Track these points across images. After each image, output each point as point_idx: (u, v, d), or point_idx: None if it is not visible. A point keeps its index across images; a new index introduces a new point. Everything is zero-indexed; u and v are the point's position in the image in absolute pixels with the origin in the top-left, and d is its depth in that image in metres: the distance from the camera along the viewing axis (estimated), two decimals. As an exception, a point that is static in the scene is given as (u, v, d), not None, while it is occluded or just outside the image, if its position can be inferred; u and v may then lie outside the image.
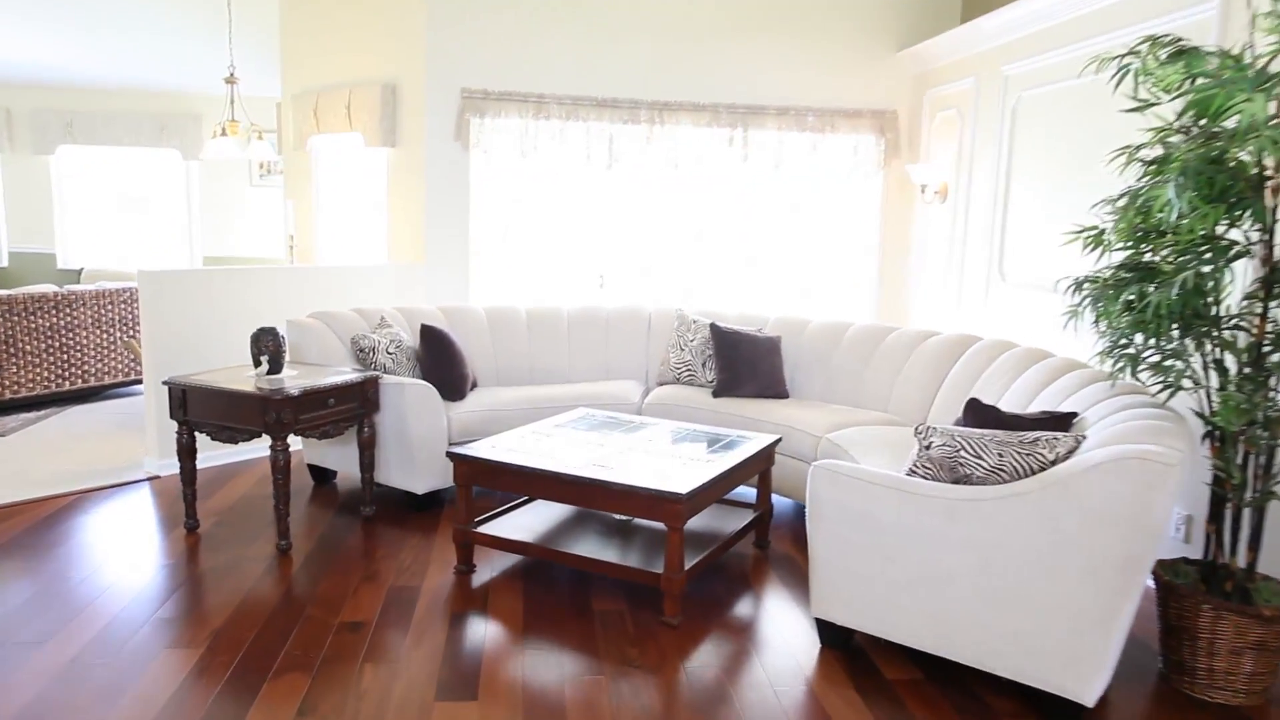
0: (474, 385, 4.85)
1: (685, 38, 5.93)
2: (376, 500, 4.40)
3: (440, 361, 4.55)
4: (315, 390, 3.74)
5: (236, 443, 3.73)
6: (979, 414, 3.15)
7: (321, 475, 4.75)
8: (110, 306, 6.21)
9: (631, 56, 5.90)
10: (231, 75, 5.71)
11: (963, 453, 2.82)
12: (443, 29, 5.70)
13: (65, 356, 6.04)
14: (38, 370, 5.91)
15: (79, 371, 6.10)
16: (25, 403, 5.96)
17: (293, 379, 3.84)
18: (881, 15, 6.06)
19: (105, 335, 6.20)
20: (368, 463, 4.16)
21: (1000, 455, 2.80)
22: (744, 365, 4.85)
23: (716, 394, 4.80)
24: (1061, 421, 3.15)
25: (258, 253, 8.60)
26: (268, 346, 3.85)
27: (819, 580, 2.99)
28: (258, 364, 3.88)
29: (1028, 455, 2.80)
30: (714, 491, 3.40)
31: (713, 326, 4.99)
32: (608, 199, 6.15)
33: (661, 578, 3.19)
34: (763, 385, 4.84)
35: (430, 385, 4.27)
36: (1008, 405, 3.80)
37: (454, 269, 5.95)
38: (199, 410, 3.77)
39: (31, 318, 5.90)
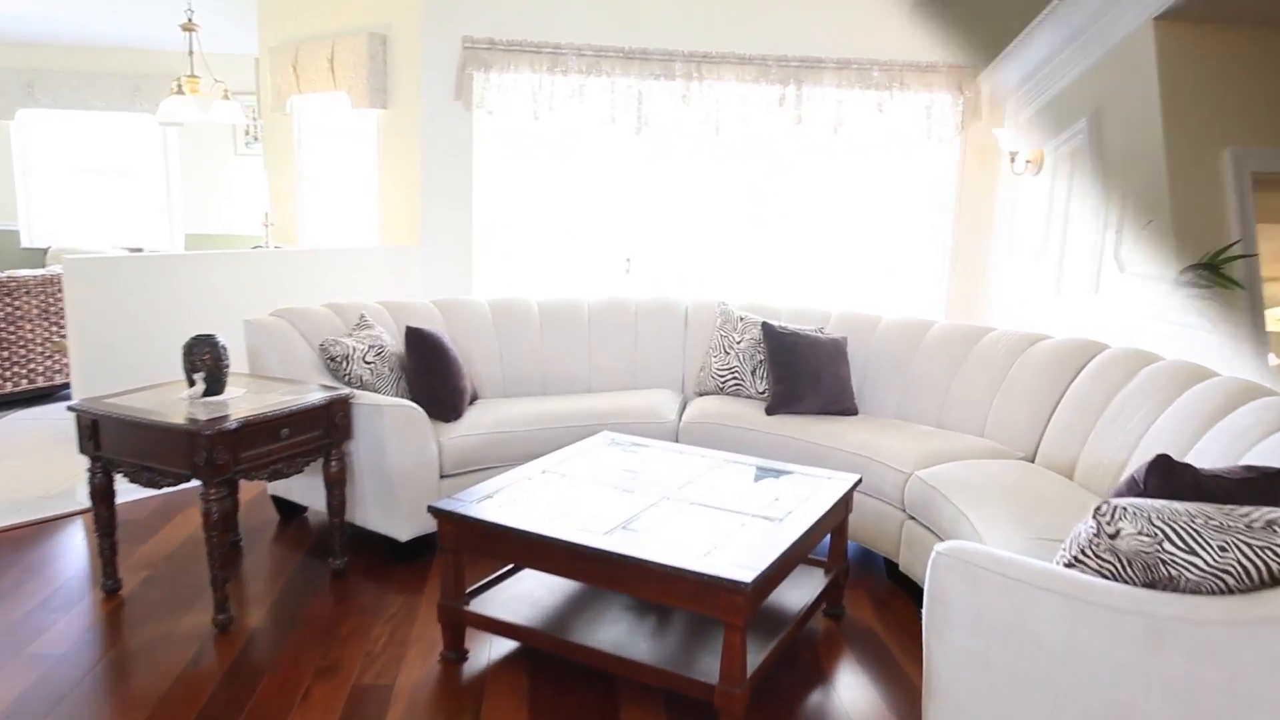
0: (474, 398, 3.99)
1: (728, -25, 4.97)
2: (351, 547, 3.54)
3: (430, 372, 3.68)
4: (262, 419, 2.88)
5: (160, 487, 2.88)
6: (1169, 478, 2.23)
7: (289, 509, 3.92)
8: (61, 294, 5.38)
9: (664, -1, 4.95)
10: (190, 21, 4.80)
11: (1167, 544, 1.92)
12: (438, -35, 4.78)
13: (6, 353, 5.23)
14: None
15: (24, 371, 5.29)
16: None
17: (237, 402, 2.99)
18: (964, -53, 5.07)
19: (57, 328, 5.39)
20: (337, 504, 3.31)
21: (1223, 549, 1.90)
22: (804, 375, 3.94)
23: (771, 410, 3.90)
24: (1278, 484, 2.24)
25: (246, 231, 7.74)
26: (204, 361, 3.00)
27: (939, 713, 2.11)
28: (191, 383, 3.03)
29: (1264, 548, 1.90)
30: (785, 567, 2.52)
31: (764, 326, 4.08)
32: (636, 169, 5.22)
33: (716, 691, 2.32)
34: (827, 399, 3.94)
35: (415, 405, 3.40)
36: (1170, 445, 2.88)
37: (455, 253, 5.07)
38: (114, 444, 2.93)
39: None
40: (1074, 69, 4.50)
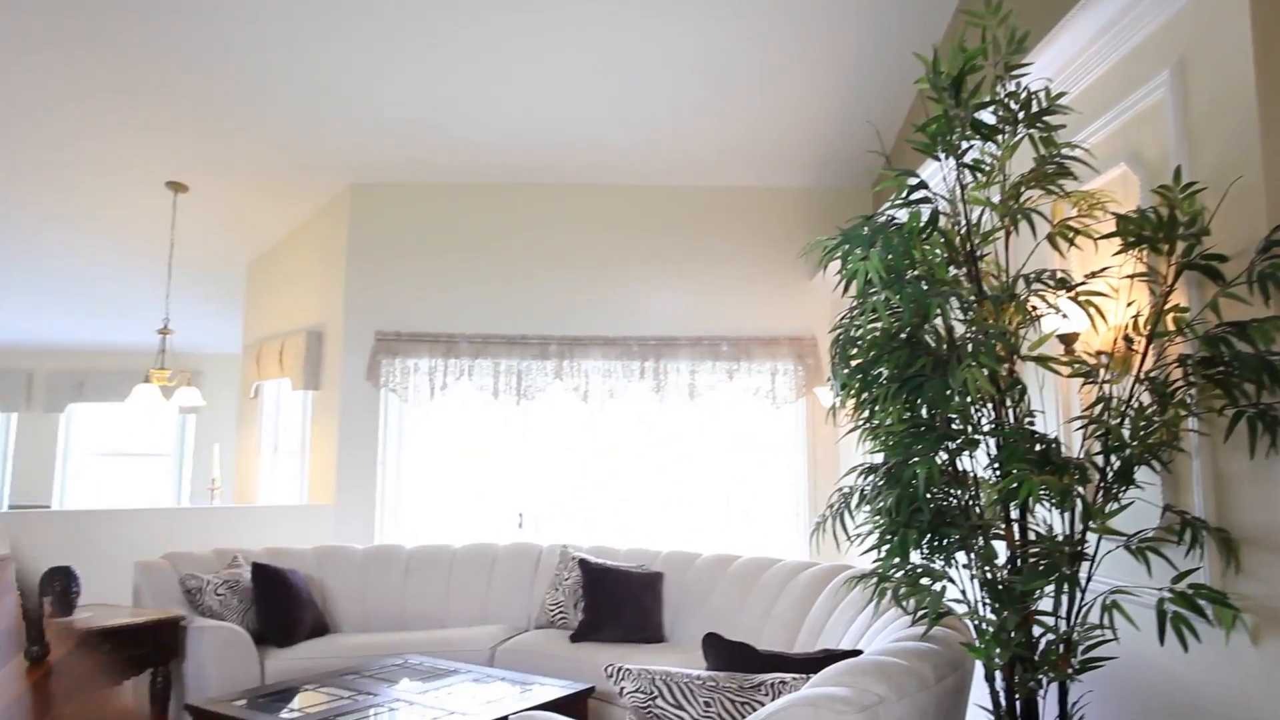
0: (319, 630, 4.50)
1: (596, 273, 6.04)
2: (178, 763, 3.96)
3: (269, 603, 4.27)
4: (82, 633, 3.50)
5: (-10, 692, 3.46)
6: (723, 653, 2.63)
7: (146, 733, 4.37)
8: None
9: (540, 295, 6.00)
10: (165, 327, 6.05)
11: (660, 700, 2.32)
12: (359, 275, 5.98)
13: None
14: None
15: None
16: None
17: (77, 620, 3.62)
18: (792, 242, 6.06)
19: None
20: (159, 717, 3.79)
21: (708, 704, 2.29)
22: (609, 606, 4.37)
23: (575, 638, 4.31)
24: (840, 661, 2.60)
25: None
26: (53, 587, 3.68)
27: None
28: (44, 606, 3.69)
29: (744, 703, 2.28)
30: (452, 752, 2.90)
31: (581, 562, 4.59)
32: (521, 435, 6.02)
33: None
34: (630, 628, 4.33)
35: (238, 628, 3.97)
36: (850, 640, 3.22)
37: (361, 508, 5.80)
38: (-32, 656, 3.56)
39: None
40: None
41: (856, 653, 2.55)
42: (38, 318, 8.70)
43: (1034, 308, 2.33)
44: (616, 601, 4.39)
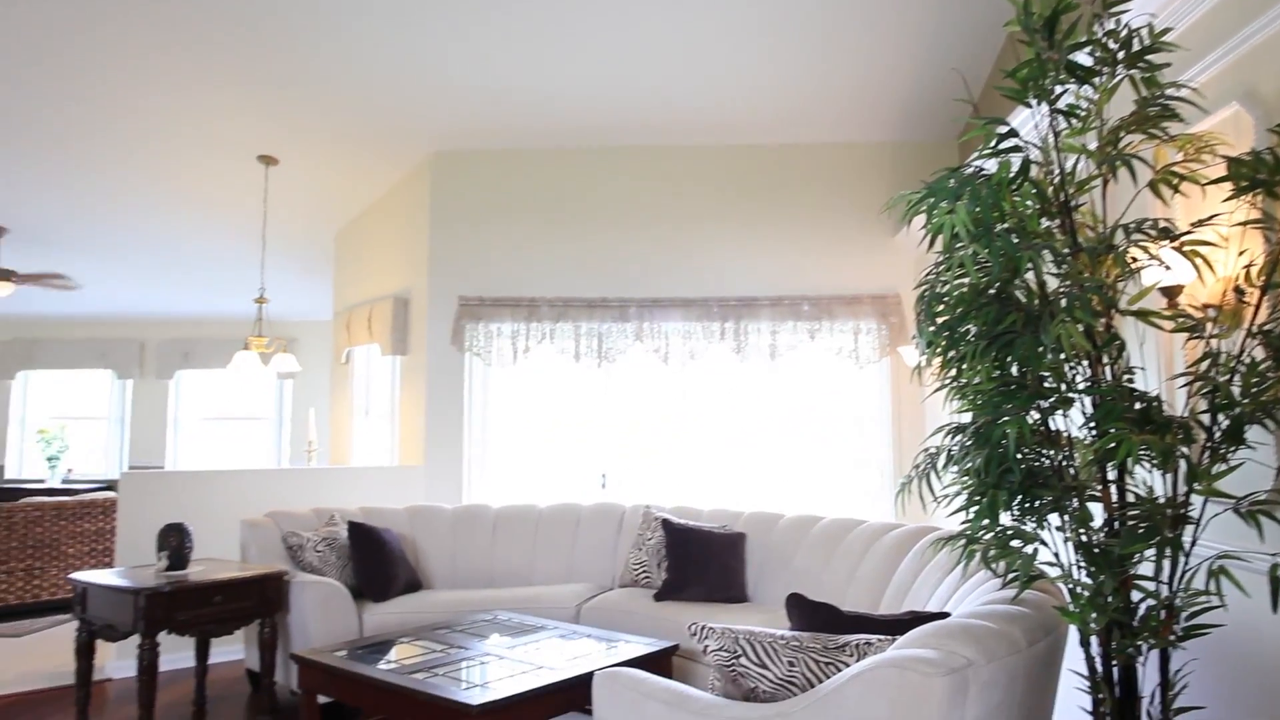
0: (412, 587, 4.67)
1: (674, 235, 6.00)
2: (287, 707, 4.19)
3: (364, 560, 4.44)
4: (195, 585, 3.72)
5: (115, 640, 3.72)
6: (806, 613, 2.62)
7: (256, 680, 4.63)
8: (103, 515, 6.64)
9: (619, 257, 6.01)
10: (261, 296, 6.29)
11: (743, 659, 2.33)
12: (442, 242, 6.08)
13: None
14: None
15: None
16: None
17: (192, 574, 3.85)
18: (874, 198, 5.90)
19: (96, 545, 6.59)
20: (268, 665, 4.01)
21: (792, 664, 2.29)
22: (693, 566, 4.41)
23: (659, 597, 4.36)
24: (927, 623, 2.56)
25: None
26: (170, 542, 3.91)
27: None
28: (160, 560, 3.94)
29: (828, 664, 2.27)
30: (542, 705, 2.98)
31: (664, 523, 4.63)
32: (602, 398, 6.07)
33: (460, 808, 2.76)
34: (713, 587, 4.36)
35: (337, 584, 4.15)
36: (936, 603, 3.17)
37: (449, 469, 5.96)
38: (94, 606, 3.82)
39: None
40: None
41: (943, 615, 2.51)
42: (148, 291, 9.17)
43: (1134, 259, 2.21)
44: (699, 561, 4.42)
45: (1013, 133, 2.14)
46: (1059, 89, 2.18)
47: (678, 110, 5.65)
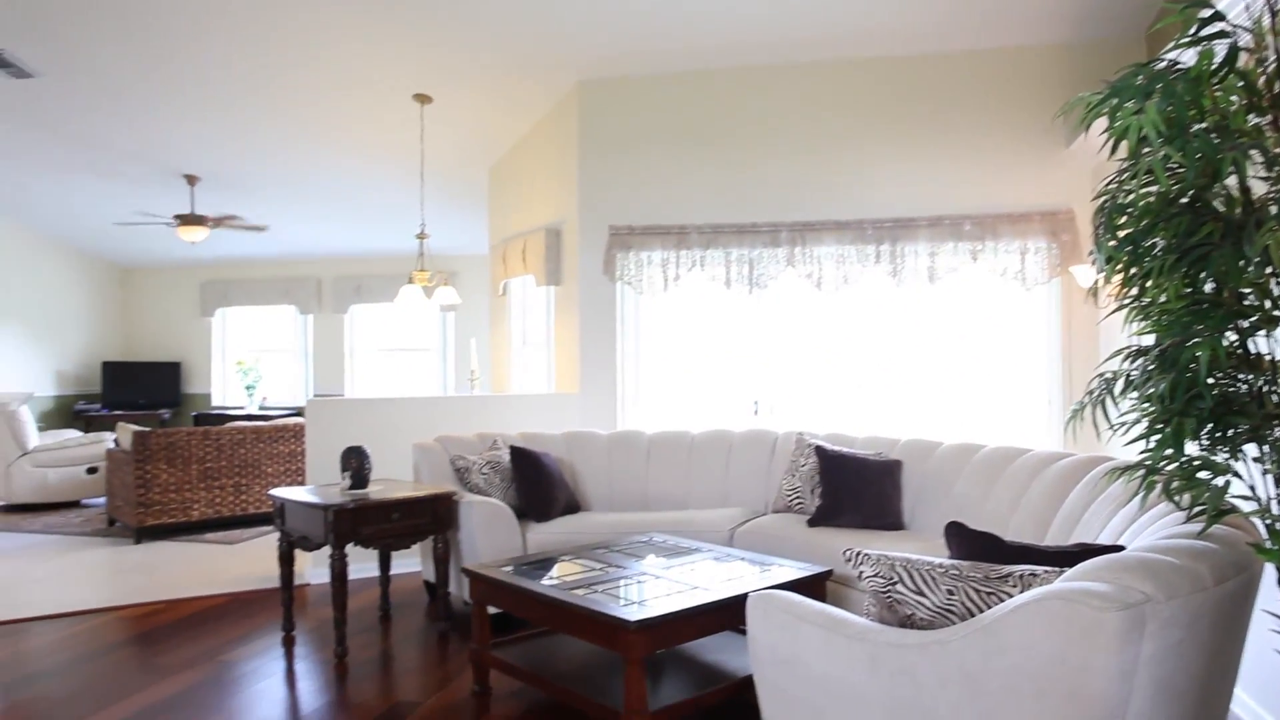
0: (571, 508, 4.87)
1: (826, 155, 5.79)
2: (459, 616, 4.52)
3: (527, 482, 4.66)
4: (376, 503, 4.02)
5: (309, 550, 4.09)
6: (966, 542, 2.54)
7: (433, 590, 4.99)
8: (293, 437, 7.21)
9: (770, 180, 5.86)
10: (422, 232, 6.57)
11: (900, 586, 2.30)
12: (591, 172, 6.13)
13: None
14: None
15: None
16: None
17: (372, 493, 4.17)
18: (1044, 107, 5.44)
19: (289, 465, 7.18)
20: (442, 577, 4.32)
21: (950, 593, 2.24)
22: (847, 492, 4.36)
23: (813, 522, 4.35)
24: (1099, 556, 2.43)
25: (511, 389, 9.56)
26: (351, 464, 4.24)
27: (766, 737, 2.52)
28: (344, 479, 4.28)
29: (990, 594, 2.21)
30: (694, 624, 3.06)
31: (818, 449, 4.58)
32: (753, 324, 6.02)
33: (621, 716, 2.90)
34: (867, 515, 4.31)
35: (501, 504, 4.38)
36: (1109, 535, 3.01)
37: (603, 398, 6.12)
38: (291, 520, 4.22)
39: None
40: None
41: (1117, 548, 2.38)
42: (322, 231, 9.79)
43: (1361, 158, 1.94)
44: (854, 488, 4.37)
45: (1218, 15, 1.90)
46: (1274, -36, 1.91)
47: (828, 21, 5.38)
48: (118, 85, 6.30)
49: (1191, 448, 2.11)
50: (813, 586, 3.45)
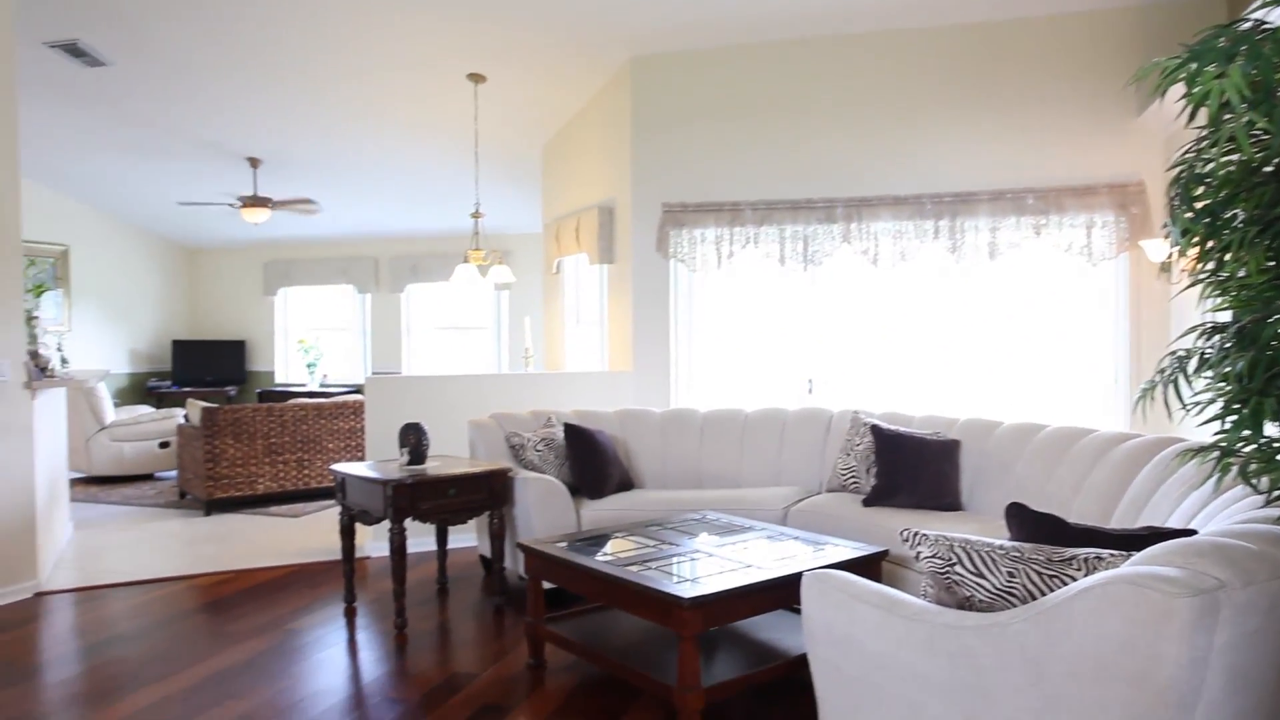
0: (625, 485, 4.89)
1: (882, 130, 5.67)
2: (514, 590, 4.58)
3: (581, 459, 4.69)
4: (433, 479, 4.08)
5: (369, 524, 4.18)
6: (1028, 524, 2.48)
7: (489, 564, 5.07)
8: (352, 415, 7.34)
9: (824, 156, 5.76)
10: (477, 211, 6.62)
11: (958, 567, 2.26)
12: (643, 149, 6.09)
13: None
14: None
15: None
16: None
17: (429, 469, 4.23)
18: (1114, 74, 5.24)
19: (349, 441, 7.33)
20: (498, 552, 4.38)
21: (1011, 575, 2.19)
22: (904, 472, 4.30)
23: (868, 502, 4.31)
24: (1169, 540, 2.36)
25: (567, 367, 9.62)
26: (409, 440, 4.31)
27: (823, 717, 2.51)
28: (402, 455, 4.35)
29: (1052, 577, 2.16)
30: (746, 602, 3.05)
31: (873, 428, 4.52)
32: (808, 301, 5.94)
33: (674, 691, 2.91)
34: (924, 495, 4.24)
35: (555, 480, 4.42)
36: (1179, 519, 2.92)
37: (656, 376, 6.12)
38: (352, 494, 4.31)
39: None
40: None
41: (1189, 532, 2.30)
42: (378, 211, 9.93)
43: None
44: (910, 468, 4.30)
45: (1304, -24, 1.80)
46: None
47: (888, -9, 5.24)
48: (185, 70, 6.45)
49: (1271, 429, 2.03)
50: (868, 567, 3.41)
